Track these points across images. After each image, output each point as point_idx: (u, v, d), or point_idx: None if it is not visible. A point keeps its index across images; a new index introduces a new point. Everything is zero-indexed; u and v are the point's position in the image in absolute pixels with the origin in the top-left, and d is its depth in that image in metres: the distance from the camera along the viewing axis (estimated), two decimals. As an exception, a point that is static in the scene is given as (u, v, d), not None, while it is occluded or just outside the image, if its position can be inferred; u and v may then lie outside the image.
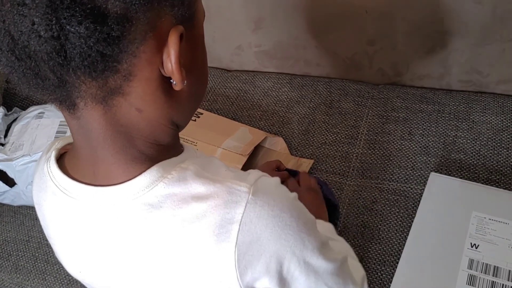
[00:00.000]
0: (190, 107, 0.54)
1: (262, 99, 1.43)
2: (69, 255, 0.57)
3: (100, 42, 0.40)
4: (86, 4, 0.39)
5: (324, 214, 0.91)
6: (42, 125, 1.31)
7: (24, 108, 1.48)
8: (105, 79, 0.43)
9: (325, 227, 0.79)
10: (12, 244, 1.30)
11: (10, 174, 1.28)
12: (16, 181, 1.28)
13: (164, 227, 0.48)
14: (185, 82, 0.47)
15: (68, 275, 1.20)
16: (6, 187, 1.30)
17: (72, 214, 0.52)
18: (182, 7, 0.45)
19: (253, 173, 0.52)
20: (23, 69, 0.42)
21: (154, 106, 0.48)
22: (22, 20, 0.39)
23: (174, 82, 0.47)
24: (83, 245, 0.54)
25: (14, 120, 1.40)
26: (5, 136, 1.35)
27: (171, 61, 0.45)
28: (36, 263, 1.25)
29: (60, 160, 0.54)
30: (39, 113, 1.36)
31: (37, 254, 1.26)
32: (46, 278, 1.22)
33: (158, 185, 0.48)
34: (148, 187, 0.48)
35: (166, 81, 0.47)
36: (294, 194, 0.53)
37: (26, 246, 1.29)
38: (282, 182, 0.92)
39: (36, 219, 1.33)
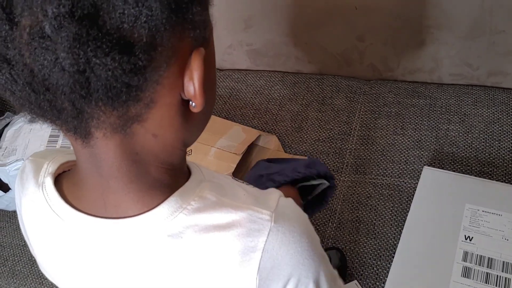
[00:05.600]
0: (201, 126, 0.52)
1: (254, 97, 1.43)
2: (71, 284, 0.55)
3: (126, 73, 0.38)
4: (112, 34, 0.37)
5: None
6: (35, 129, 1.31)
7: (16, 112, 1.47)
8: (126, 108, 0.41)
9: None
10: (9, 249, 1.30)
11: (4, 179, 1.27)
12: (10, 186, 1.28)
13: (186, 257, 0.48)
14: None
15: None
16: (0, 193, 1.29)
17: (79, 247, 0.50)
18: (201, 28, 0.43)
19: (272, 196, 0.51)
20: (39, 102, 0.40)
21: (169, 130, 0.46)
22: (44, 53, 0.36)
23: (193, 105, 0.45)
24: (92, 277, 0.52)
25: (7, 125, 1.40)
26: (-2, 141, 1.35)
27: (194, 85, 0.43)
28: (33, 267, 1.25)
29: (56, 185, 0.51)
30: (31, 118, 1.35)
31: (33, 259, 1.26)
32: (43, 282, 1.22)
33: (178, 216, 0.46)
34: (167, 219, 0.46)
35: (184, 104, 0.45)
36: (305, 215, 0.54)
37: (23, 251, 1.29)
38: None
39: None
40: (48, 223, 0.50)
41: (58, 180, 0.51)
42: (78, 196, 0.49)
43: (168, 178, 0.48)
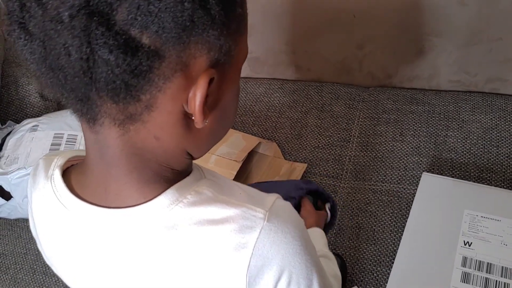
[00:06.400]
0: (208, 143, 0.53)
1: (254, 105, 1.44)
2: (74, 274, 0.57)
3: (126, 73, 0.40)
4: (120, 34, 0.39)
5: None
6: (37, 138, 1.32)
7: (18, 121, 1.48)
8: (126, 105, 0.43)
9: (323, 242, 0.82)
10: (10, 257, 1.30)
11: (6, 187, 1.28)
12: (12, 194, 1.28)
13: (179, 249, 0.49)
14: (206, 122, 0.46)
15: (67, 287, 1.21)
16: (2, 201, 1.30)
17: (82, 235, 0.52)
18: (219, 52, 0.44)
19: (270, 197, 0.52)
20: (52, 78, 0.43)
21: (171, 137, 0.47)
22: (55, 36, 0.40)
23: (195, 120, 0.46)
24: (92, 265, 0.54)
25: (9, 133, 1.41)
26: (0, 149, 1.36)
27: (195, 102, 0.44)
28: (34, 275, 1.26)
29: (64, 178, 0.53)
30: (33, 126, 1.36)
31: (35, 267, 1.27)
32: (45, 290, 1.22)
33: (174, 209, 0.48)
34: (164, 210, 0.48)
35: (188, 116, 0.46)
36: (302, 220, 0.55)
37: (24, 259, 1.29)
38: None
39: (33, 231, 1.34)
40: (54, 213, 0.52)
41: (67, 173, 0.54)
42: (83, 185, 0.51)
43: (168, 175, 0.49)
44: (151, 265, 0.50)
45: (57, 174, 0.52)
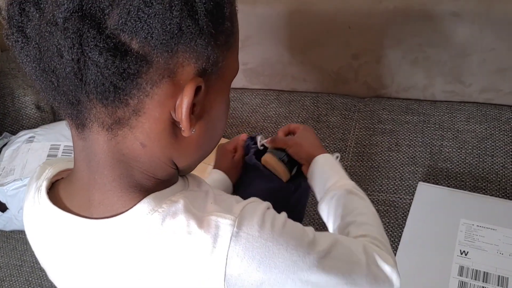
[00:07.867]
0: (195, 156, 0.53)
1: (250, 115, 1.45)
2: (63, 279, 0.58)
3: (115, 75, 0.42)
4: (111, 38, 0.41)
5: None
6: (33, 149, 1.32)
7: (14, 132, 1.48)
8: (114, 108, 0.44)
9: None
10: (5, 269, 1.30)
11: (2, 199, 1.28)
12: (8, 206, 1.28)
13: (157, 260, 0.49)
14: (193, 131, 0.47)
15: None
16: (-2, 212, 1.29)
17: (64, 245, 0.53)
18: (207, 62, 0.45)
19: (240, 203, 0.51)
20: (45, 81, 0.44)
21: (157, 144, 0.48)
22: (50, 38, 0.41)
23: (182, 128, 0.47)
24: (78, 274, 0.54)
25: (5, 145, 1.41)
26: (-4, 161, 1.35)
27: (182, 109, 0.45)
28: (29, 287, 1.25)
29: (53, 188, 0.54)
30: (29, 138, 1.36)
31: (30, 279, 1.26)
32: (40, 302, 1.22)
33: (150, 218, 0.48)
34: (141, 220, 0.48)
35: (175, 125, 0.47)
36: (283, 219, 0.52)
37: (19, 271, 1.28)
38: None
39: (28, 243, 1.33)
40: (40, 223, 0.54)
41: (56, 185, 0.55)
42: (71, 194, 0.52)
43: (150, 184, 0.50)
44: (131, 274, 0.51)
45: (43, 186, 0.54)
